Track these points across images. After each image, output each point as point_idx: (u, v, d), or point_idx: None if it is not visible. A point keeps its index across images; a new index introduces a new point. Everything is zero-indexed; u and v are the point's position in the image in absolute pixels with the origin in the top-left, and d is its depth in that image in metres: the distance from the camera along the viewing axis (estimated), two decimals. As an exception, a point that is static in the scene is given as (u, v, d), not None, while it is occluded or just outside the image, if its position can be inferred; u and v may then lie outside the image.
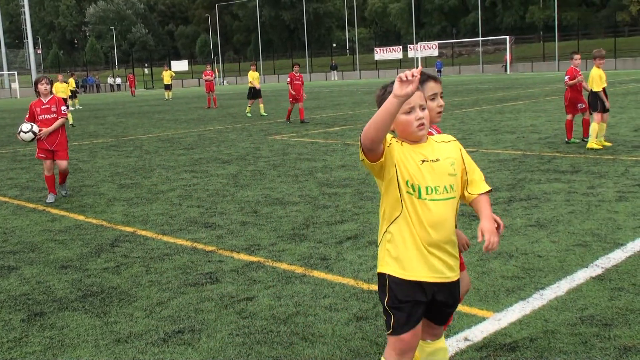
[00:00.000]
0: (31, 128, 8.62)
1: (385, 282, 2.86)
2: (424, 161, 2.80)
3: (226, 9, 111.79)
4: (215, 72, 42.24)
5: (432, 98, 3.17)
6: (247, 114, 23.69)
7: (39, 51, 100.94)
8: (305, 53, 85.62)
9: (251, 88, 23.51)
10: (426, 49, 71.02)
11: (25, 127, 8.64)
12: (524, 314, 4.27)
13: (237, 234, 6.72)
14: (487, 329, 4.07)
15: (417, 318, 2.84)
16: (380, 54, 76.03)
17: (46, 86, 8.86)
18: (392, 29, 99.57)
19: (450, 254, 2.86)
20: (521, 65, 65.58)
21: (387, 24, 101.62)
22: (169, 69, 42.46)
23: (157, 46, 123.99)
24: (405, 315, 2.81)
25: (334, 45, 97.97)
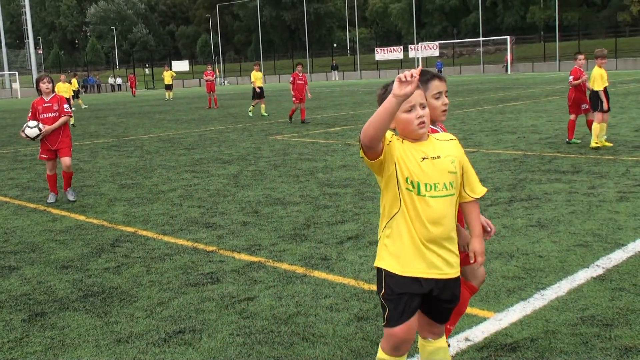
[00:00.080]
0: (37, 124, 8.65)
1: (382, 276, 2.93)
2: (424, 158, 2.84)
3: (227, 9, 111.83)
4: (216, 72, 42.20)
5: (437, 97, 3.17)
6: (250, 113, 23.81)
7: (39, 51, 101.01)
8: (306, 53, 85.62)
9: (254, 88, 23.67)
10: (427, 49, 71.03)
11: (31, 123, 8.67)
12: (524, 314, 4.28)
13: (237, 234, 6.72)
14: (487, 329, 4.07)
15: (411, 310, 2.88)
16: (381, 54, 76.04)
17: (48, 84, 8.87)
18: (393, 29, 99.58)
19: (448, 250, 2.90)
20: (522, 66, 65.58)
21: (387, 24, 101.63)
22: (170, 69, 42.45)
23: (158, 46, 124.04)
24: (399, 307, 2.87)
25: (334, 45, 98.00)
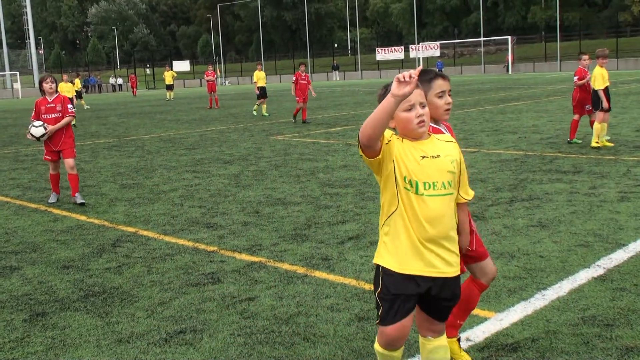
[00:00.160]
0: (42, 124, 8.67)
1: (380, 273, 2.94)
2: (424, 157, 2.85)
3: (228, 9, 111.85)
4: (216, 73, 42.26)
5: (440, 95, 3.18)
6: (254, 111, 23.98)
7: (41, 51, 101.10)
8: (307, 53, 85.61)
9: (258, 88, 23.77)
10: (428, 49, 71.02)
11: (37, 123, 8.68)
12: (525, 314, 4.27)
13: (238, 234, 6.72)
14: (488, 329, 4.07)
15: (405, 311, 2.90)
16: (382, 54, 76.03)
17: (51, 85, 8.87)
18: (394, 29, 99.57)
19: (447, 249, 2.91)
20: (523, 66, 65.54)
21: (388, 24, 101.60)
22: (171, 69, 42.46)
23: (159, 46, 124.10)
24: (393, 307, 2.89)
25: (335, 45, 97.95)
